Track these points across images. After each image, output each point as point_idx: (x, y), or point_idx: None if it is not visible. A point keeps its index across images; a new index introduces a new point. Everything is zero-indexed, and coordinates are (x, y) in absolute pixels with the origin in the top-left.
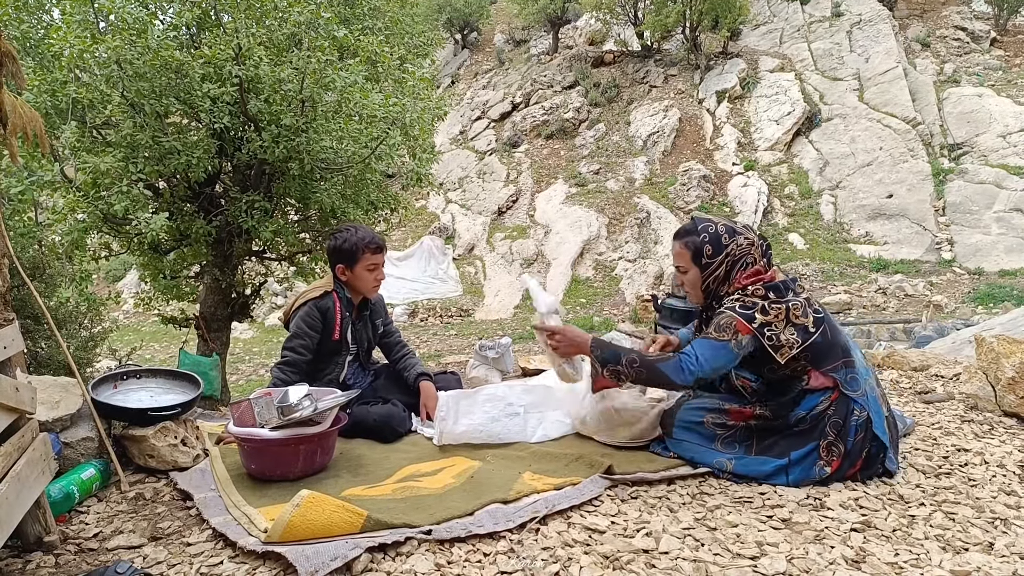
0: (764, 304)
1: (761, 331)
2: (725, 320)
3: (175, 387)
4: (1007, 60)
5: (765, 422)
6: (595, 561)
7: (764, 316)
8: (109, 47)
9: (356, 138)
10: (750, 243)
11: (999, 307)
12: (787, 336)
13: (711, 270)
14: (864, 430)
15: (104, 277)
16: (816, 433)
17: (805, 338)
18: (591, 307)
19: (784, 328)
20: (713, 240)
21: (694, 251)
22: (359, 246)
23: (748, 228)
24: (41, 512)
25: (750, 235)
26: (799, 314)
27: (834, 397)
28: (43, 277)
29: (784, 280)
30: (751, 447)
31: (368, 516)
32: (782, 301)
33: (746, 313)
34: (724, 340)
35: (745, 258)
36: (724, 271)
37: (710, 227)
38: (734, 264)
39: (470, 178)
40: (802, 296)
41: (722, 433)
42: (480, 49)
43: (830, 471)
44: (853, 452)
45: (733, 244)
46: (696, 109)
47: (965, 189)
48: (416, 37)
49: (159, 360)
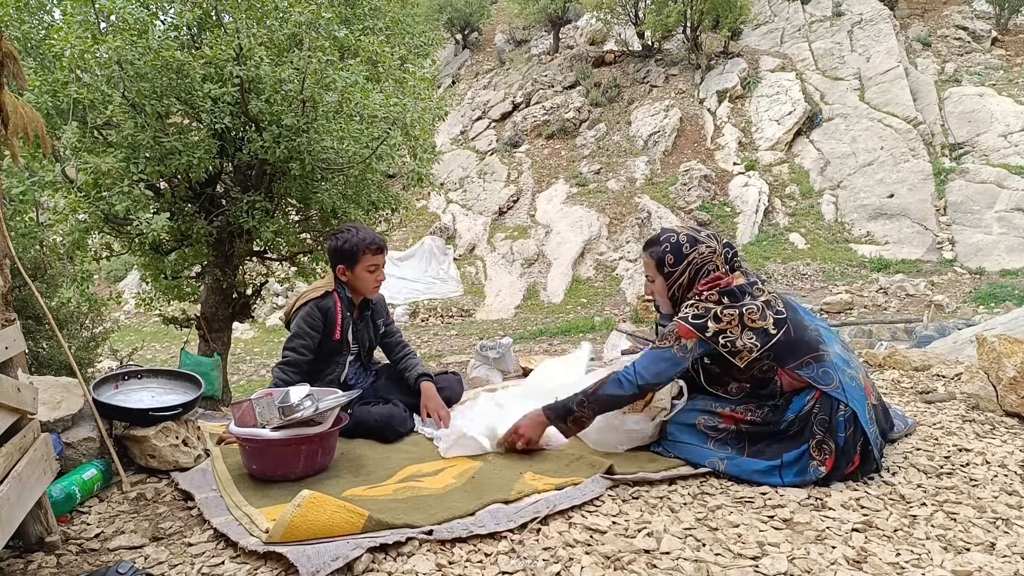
0: (717, 310)
1: (715, 339)
2: (669, 328)
3: (176, 387)
4: (1008, 60)
5: (756, 427)
6: (596, 561)
7: (717, 324)
8: (110, 47)
9: (357, 138)
10: (711, 251)
11: (1000, 307)
12: (744, 341)
13: (674, 278)
14: (853, 424)
15: (105, 277)
16: (806, 434)
17: (765, 340)
18: (592, 307)
19: (741, 333)
20: (674, 249)
21: (657, 260)
22: (360, 247)
23: (712, 236)
24: (42, 512)
25: (712, 243)
26: (755, 318)
27: (817, 395)
28: (44, 277)
29: (742, 284)
30: (743, 449)
31: (369, 516)
32: (735, 306)
33: (697, 323)
34: (665, 347)
35: (707, 265)
36: (687, 279)
37: (672, 237)
38: (697, 272)
39: (471, 178)
40: (761, 299)
41: (714, 435)
42: (481, 49)
43: (825, 470)
44: (847, 448)
45: (695, 252)
46: (697, 109)
47: (966, 189)
48: (417, 37)
49: (160, 360)
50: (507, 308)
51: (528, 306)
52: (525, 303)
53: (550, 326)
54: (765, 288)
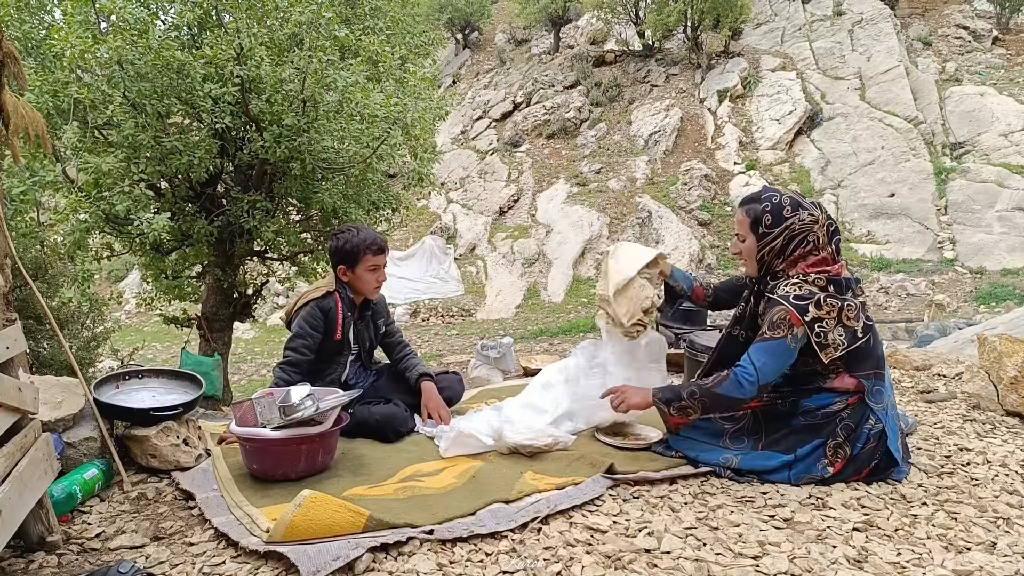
0: (821, 297)
1: (812, 326)
2: (779, 314)
3: (177, 387)
4: (1009, 59)
5: (773, 408)
6: (597, 561)
7: (818, 311)
8: (110, 47)
9: (357, 138)
10: (814, 220)
11: (1001, 306)
12: (835, 336)
13: (768, 240)
14: (877, 441)
15: (106, 277)
16: (824, 431)
17: (852, 341)
18: (593, 306)
19: (834, 327)
20: (774, 210)
21: (753, 219)
22: (360, 247)
23: (816, 205)
24: (44, 512)
25: (815, 212)
26: (852, 316)
27: (852, 401)
28: (45, 277)
29: (848, 278)
30: (759, 440)
31: (370, 516)
32: (839, 298)
33: (800, 305)
34: (779, 338)
35: (806, 235)
36: (781, 244)
37: (774, 197)
38: (792, 239)
39: (471, 178)
40: (859, 299)
41: (730, 427)
42: (481, 49)
43: (832, 472)
44: (860, 459)
45: (795, 218)
46: (697, 108)
47: (967, 188)
48: (417, 37)
49: (161, 360)
50: (508, 308)
51: (529, 306)
52: (526, 303)
53: (551, 326)
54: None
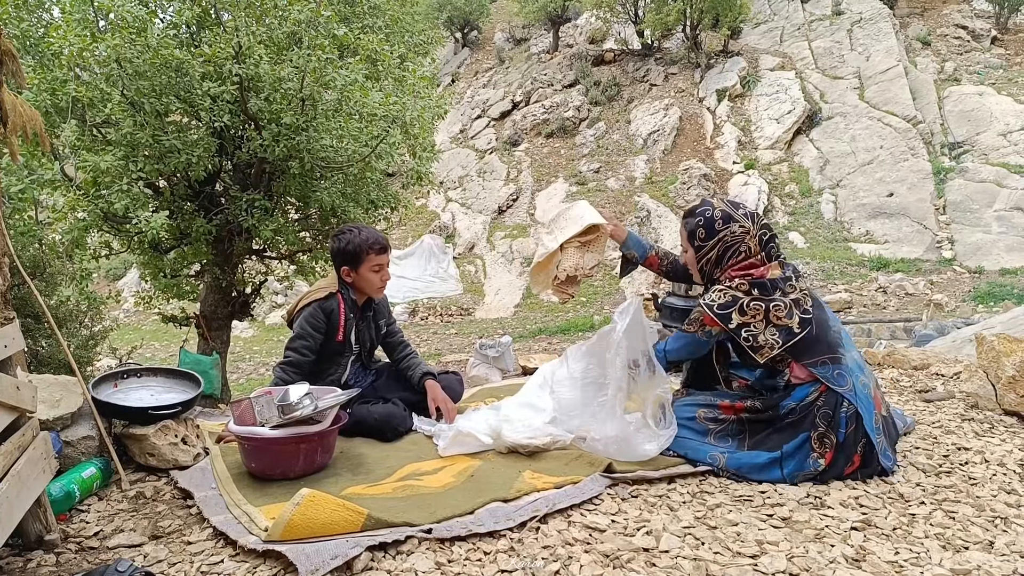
0: (744, 302)
1: (738, 331)
2: (695, 314)
3: (175, 386)
4: (1008, 59)
5: (756, 414)
6: (595, 560)
7: (741, 316)
8: (109, 45)
9: (356, 137)
10: (744, 231)
11: (999, 306)
12: (767, 337)
13: (703, 252)
14: (854, 423)
15: (104, 276)
16: (806, 423)
17: (787, 339)
18: (591, 306)
19: (764, 329)
20: (707, 224)
21: (689, 232)
22: (363, 247)
23: (749, 216)
24: (42, 511)
25: (746, 223)
26: (781, 315)
27: (823, 388)
28: (43, 276)
29: (775, 277)
30: (743, 441)
31: (368, 515)
32: (764, 300)
33: (722, 314)
34: (691, 332)
35: (738, 246)
36: (716, 255)
37: (707, 211)
38: (726, 250)
39: (470, 177)
40: (791, 296)
41: (714, 428)
42: (480, 47)
43: (824, 463)
44: (847, 445)
45: (726, 231)
46: (696, 108)
47: (966, 188)
48: (416, 35)
49: (159, 359)
50: (506, 307)
51: (527, 305)
52: (524, 302)
53: (549, 325)
54: (798, 284)
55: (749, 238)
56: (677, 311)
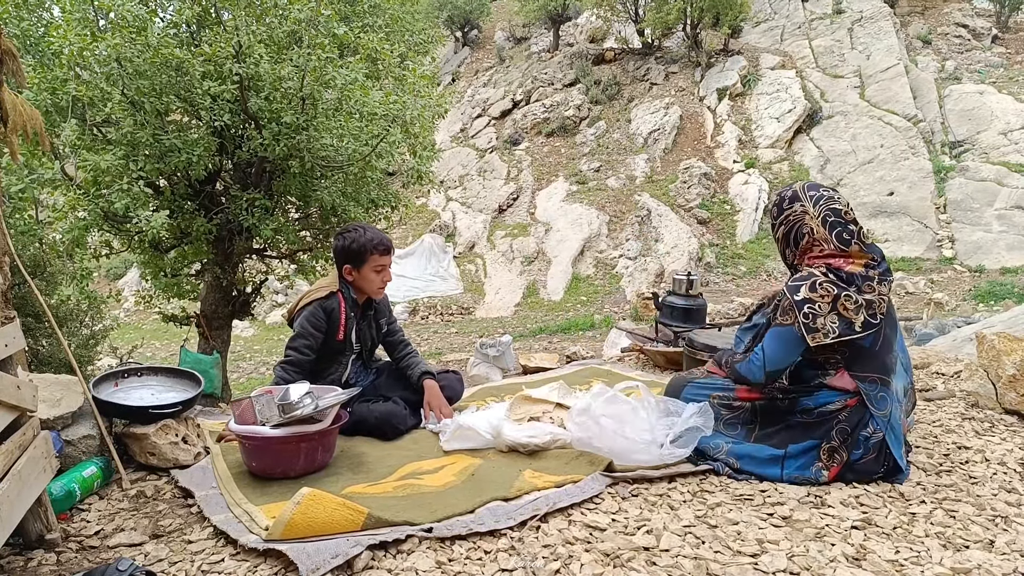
0: (817, 280)
1: (800, 305)
2: (785, 301)
3: (176, 385)
4: (1008, 57)
5: (771, 403)
6: (596, 559)
7: (810, 292)
8: (109, 45)
9: (356, 136)
10: (804, 211)
11: (1000, 304)
12: (826, 322)
13: (774, 231)
14: (876, 451)
15: (105, 275)
16: (820, 432)
17: (845, 331)
18: (592, 305)
19: (827, 313)
20: (778, 203)
21: (771, 212)
22: (367, 247)
23: (814, 197)
24: (42, 510)
25: (807, 204)
26: (849, 306)
27: (851, 403)
28: (44, 275)
29: (854, 272)
30: (752, 431)
31: (369, 514)
32: (838, 287)
33: (792, 286)
34: (787, 324)
35: (800, 226)
36: (782, 233)
37: (785, 192)
38: (791, 229)
39: (471, 176)
40: (867, 296)
41: (726, 414)
42: (481, 46)
43: (827, 476)
44: (859, 469)
45: (790, 209)
46: (697, 107)
47: (966, 187)
48: (416, 34)
49: (160, 358)
50: (507, 306)
51: (528, 304)
52: (525, 301)
53: (550, 324)
54: (879, 288)
55: (809, 218)
56: (678, 310)
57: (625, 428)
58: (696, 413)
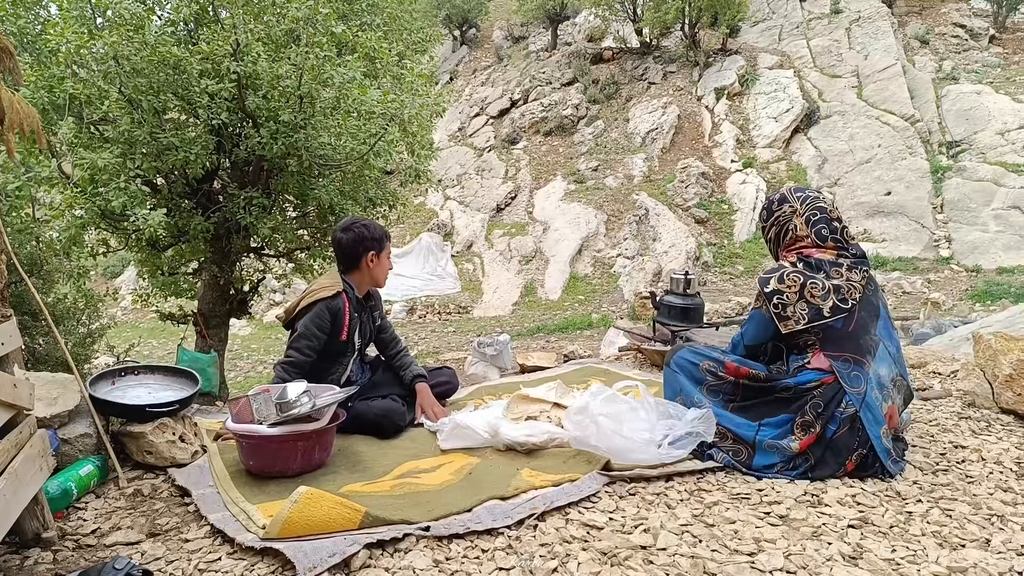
0: (785, 272)
1: (770, 297)
2: (758, 291)
3: (173, 383)
4: (1006, 57)
5: (755, 381)
6: (593, 557)
7: (779, 284)
8: (106, 43)
9: (354, 134)
10: (792, 211)
11: (997, 304)
12: (796, 310)
13: (764, 233)
14: (849, 425)
15: (102, 273)
16: (793, 407)
17: (813, 318)
18: (590, 304)
19: (796, 301)
20: (768, 205)
21: (760, 214)
22: (384, 233)
23: (802, 199)
24: (39, 508)
25: (795, 204)
26: (816, 293)
27: (826, 381)
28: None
29: (824, 259)
30: (731, 402)
31: (366, 512)
32: (805, 275)
33: (764, 278)
34: (756, 307)
35: (787, 225)
36: (773, 234)
37: (775, 194)
38: (780, 229)
39: (469, 175)
40: (835, 281)
41: (711, 381)
42: (479, 46)
43: (798, 447)
44: (836, 445)
45: (779, 211)
46: (695, 106)
47: (963, 186)
48: (415, 33)
49: (157, 356)
50: (505, 305)
51: (526, 303)
52: (523, 300)
53: (548, 323)
54: (851, 275)
55: (796, 216)
56: (676, 309)
57: (623, 427)
58: (698, 418)
